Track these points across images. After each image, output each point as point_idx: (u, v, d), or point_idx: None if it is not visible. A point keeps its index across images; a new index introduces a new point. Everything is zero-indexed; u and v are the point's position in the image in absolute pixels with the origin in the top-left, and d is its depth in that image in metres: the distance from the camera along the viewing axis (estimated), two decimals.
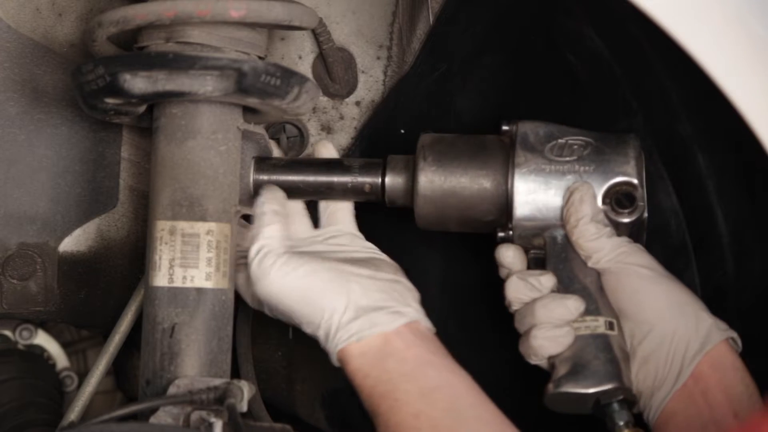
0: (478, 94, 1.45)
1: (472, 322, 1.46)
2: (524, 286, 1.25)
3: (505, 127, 1.29)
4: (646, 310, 1.23)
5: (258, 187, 1.32)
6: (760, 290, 1.30)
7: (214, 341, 1.25)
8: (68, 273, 1.49)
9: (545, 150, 1.26)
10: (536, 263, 1.28)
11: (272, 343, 1.55)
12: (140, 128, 1.42)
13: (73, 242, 1.49)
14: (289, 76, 1.25)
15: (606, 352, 1.21)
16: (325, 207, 1.37)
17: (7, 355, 1.62)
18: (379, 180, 1.32)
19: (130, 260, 1.50)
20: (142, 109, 1.27)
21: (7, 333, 1.65)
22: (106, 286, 1.51)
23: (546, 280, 1.25)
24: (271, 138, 1.44)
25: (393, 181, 1.31)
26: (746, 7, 0.97)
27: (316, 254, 1.29)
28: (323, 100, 1.51)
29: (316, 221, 1.37)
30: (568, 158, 1.25)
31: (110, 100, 1.24)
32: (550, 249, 1.26)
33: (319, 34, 1.43)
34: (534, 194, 1.25)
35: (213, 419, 1.10)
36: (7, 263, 1.46)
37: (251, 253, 1.24)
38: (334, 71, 1.48)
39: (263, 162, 1.33)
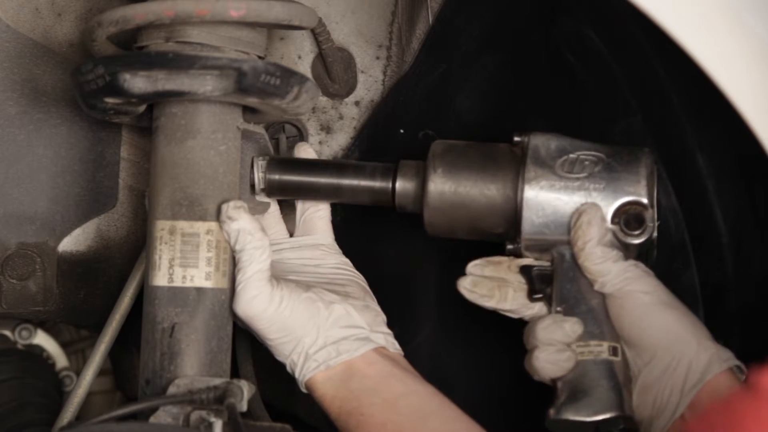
0: (478, 94, 1.45)
1: (473, 326, 1.46)
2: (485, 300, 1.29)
3: (516, 139, 1.27)
4: (647, 338, 1.22)
5: (271, 187, 1.32)
6: (760, 290, 1.30)
7: (214, 341, 1.25)
8: (67, 273, 1.49)
9: (556, 165, 1.24)
10: (541, 279, 1.27)
11: None
12: (140, 128, 1.42)
13: (72, 242, 1.49)
14: (289, 76, 1.25)
15: (608, 379, 1.21)
16: (302, 212, 1.38)
17: (6, 355, 1.62)
18: (390, 185, 1.31)
19: (129, 260, 1.50)
20: (141, 108, 1.27)
21: (7, 333, 1.65)
22: (106, 286, 1.51)
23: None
24: (271, 138, 1.44)
25: (403, 187, 1.31)
26: (746, 7, 0.97)
27: (290, 275, 1.31)
28: (323, 100, 1.51)
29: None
30: (578, 175, 1.24)
31: (110, 100, 1.24)
32: (558, 267, 1.26)
33: (319, 34, 1.43)
34: (543, 210, 1.24)
35: (213, 419, 1.10)
36: (6, 263, 1.46)
37: (238, 276, 1.24)
38: (334, 71, 1.48)
39: (275, 161, 1.33)
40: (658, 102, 1.34)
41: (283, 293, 1.25)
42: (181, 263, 1.24)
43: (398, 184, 1.31)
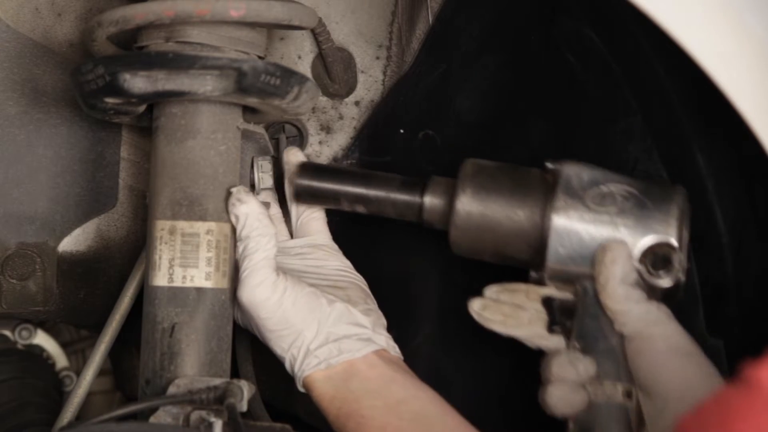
0: (478, 94, 1.45)
1: (472, 328, 1.46)
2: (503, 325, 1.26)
3: (549, 166, 1.25)
4: (661, 386, 1.19)
5: (300, 192, 1.33)
6: (760, 290, 1.30)
7: (214, 341, 1.25)
8: (67, 273, 1.49)
9: (586, 197, 1.21)
10: (563, 312, 1.24)
11: None
12: (140, 128, 1.42)
13: (72, 242, 1.49)
14: (289, 76, 1.25)
15: (620, 424, 1.17)
16: (297, 215, 1.38)
17: (6, 355, 1.62)
18: (419, 200, 1.30)
19: (129, 260, 1.50)
20: (141, 108, 1.27)
21: (7, 333, 1.65)
22: (105, 286, 1.51)
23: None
24: (271, 138, 1.44)
25: (432, 203, 1.29)
26: (747, 7, 0.97)
27: (294, 273, 1.31)
28: (323, 100, 1.51)
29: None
30: (608, 209, 1.20)
31: (110, 100, 1.24)
32: (581, 301, 1.22)
33: (319, 34, 1.43)
34: (569, 241, 1.21)
35: (213, 419, 1.10)
36: (6, 263, 1.46)
37: (244, 263, 1.24)
38: (334, 71, 1.48)
39: (307, 167, 1.33)
40: (658, 102, 1.34)
41: (287, 284, 1.24)
42: (181, 263, 1.24)
43: (427, 200, 1.29)
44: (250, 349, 1.46)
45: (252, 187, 1.34)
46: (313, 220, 1.37)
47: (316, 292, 1.26)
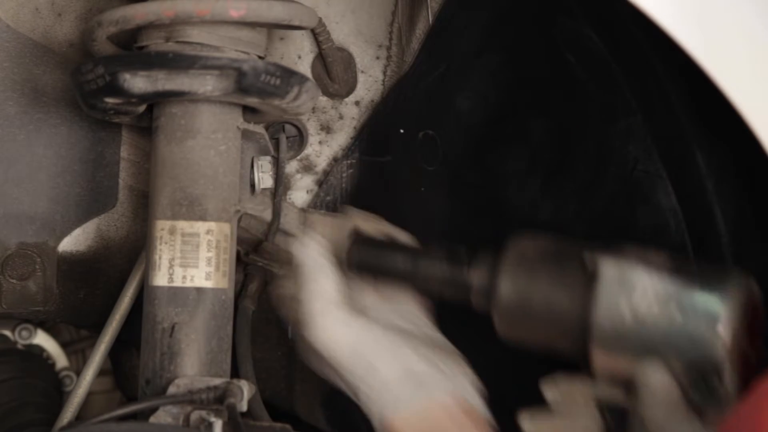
0: (478, 94, 1.45)
1: (473, 327, 1.46)
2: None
3: (586, 259, 1.16)
4: None
5: (350, 262, 1.28)
6: (760, 290, 1.30)
7: (214, 341, 1.25)
8: (67, 273, 1.49)
9: (622, 302, 1.11)
10: (617, 422, 1.15)
11: (272, 343, 1.55)
12: (140, 128, 1.42)
13: (72, 242, 1.49)
14: (289, 76, 1.25)
15: None
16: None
17: (6, 355, 1.62)
18: (465, 280, 1.22)
19: (129, 260, 1.50)
20: (141, 108, 1.27)
21: (7, 333, 1.65)
22: (106, 286, 1.52)
23: None
24: (271, 138, 1.44)
25: (478, 284, 1.22)
26: (746, 6, 0.97)
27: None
28: (322, 100, 1.51)
29: None
30: (647, 318, 1.10)
31: (110, 100, 1.24)
32: (631, 414, 1.13)
33: (319, 34, 1.43)
34: (609, 347, 1.13)
35: (213, 419, 1.10)
36: (6, 263, 1.46)
37: (307, 299, 1.19)
38: (334, 71, 1.48)
39: (361, 242, 1.28)
40: (658, 102, 1.34)
41: (358, 320, 1.19)
42: (181, 263, 1.24)
43: (475, 281, 1.22)
44: (250, 349, 1.46)
45: (252, 187, 1.34)
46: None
47: (391, 331, 1.20)
